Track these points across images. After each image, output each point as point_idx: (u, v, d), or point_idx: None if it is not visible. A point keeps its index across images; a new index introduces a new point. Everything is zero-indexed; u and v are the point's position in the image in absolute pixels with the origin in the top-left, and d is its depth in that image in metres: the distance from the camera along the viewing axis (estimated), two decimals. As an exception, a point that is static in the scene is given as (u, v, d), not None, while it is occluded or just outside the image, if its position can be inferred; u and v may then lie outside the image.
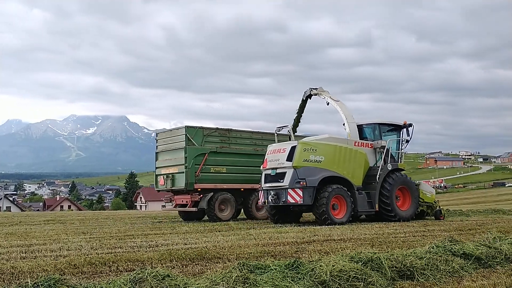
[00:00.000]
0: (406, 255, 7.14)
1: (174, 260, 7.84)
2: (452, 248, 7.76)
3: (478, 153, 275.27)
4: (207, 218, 19.27)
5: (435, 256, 7.23)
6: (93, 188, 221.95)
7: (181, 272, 6.89)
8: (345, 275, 6.02)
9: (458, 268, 7.04)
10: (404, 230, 13.01)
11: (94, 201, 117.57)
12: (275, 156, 16.16)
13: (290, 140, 17.55)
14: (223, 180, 19.09)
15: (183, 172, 18.35)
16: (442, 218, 17.86)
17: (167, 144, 19.68)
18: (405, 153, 18.77)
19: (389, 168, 16.95)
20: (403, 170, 17.98)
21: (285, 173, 15.65)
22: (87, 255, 8.46)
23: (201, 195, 18.52)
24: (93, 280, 6.33)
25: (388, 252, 7.35)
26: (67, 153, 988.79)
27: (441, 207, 18.70)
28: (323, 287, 5.82)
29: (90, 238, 11.97)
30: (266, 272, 6.06)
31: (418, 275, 6.54)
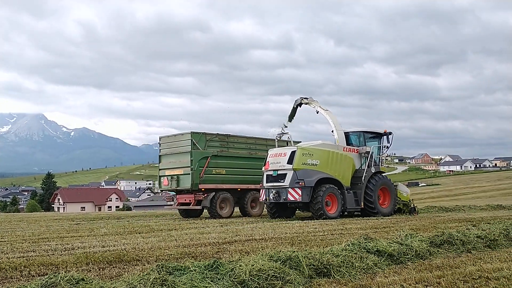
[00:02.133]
0: (323, 253, 7.33)
1: (91, 264, 7.61)
2: (366, 245, 8.05)
3: (394, 154, 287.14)
4: (209, 215, 20.98)
5: (350, 254, 7.48)
6: (7, 189, 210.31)
7: (97, 275, 6.69)
8: (264, 274, 6.09)
9: (372, 264, 7.32)
10: (323, 228, 13.35)
11: (8, 203, 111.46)
12: (277, 159, 18.21)
13: (287, 145, 19.70)
14: (223, 181, 20.94)
15: (189, 174, 20.06)
16: (416, 214, 20.20)
17: (171, 148, 21.34)
18: (385, 157, 21.38)
19: (373, 171, 19.33)
20: (383, 172, 20.31)
21: (285, 174, 17.79)
22: (-4, 260, 8.02)
23: (205, 195, 20.21)
24: (2, 286, 6.01)
25: (306, 250, 7.51)
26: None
27: (415, 205, 21.45)
28: (242, 287, 5.86)
29: (0, 241, 11.35)
30: (186, 274, 6.01)
31: (334, 272, 6.73)
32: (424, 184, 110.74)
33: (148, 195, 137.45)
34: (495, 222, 12.61)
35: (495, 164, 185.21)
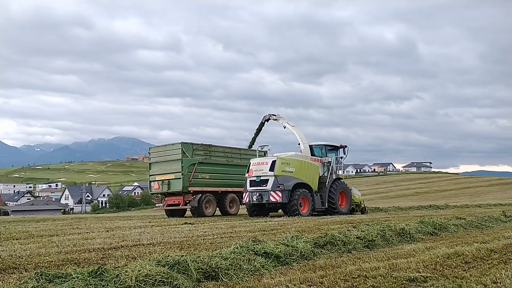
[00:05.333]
0: (212, 256, 7.34)
1: (-40, 273, 6.97)
2: (255, 247, 8.19)
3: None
4: (192, 214, 24.22)
5: (239, 256, 7.56)
6: None
7: (-33, 286, 6.15)
8: (151, 279, 5.97)
9: (260, 266, 7.46)
10: (213, 232, 13.38)
11: None
12: (259, 167, 21.31)
13: (265, 155, 23.87)
14: (207, 184, 24.36)
15: (180, 178, 23.27)
16: (366, 213, 24.09)
17: (161, 156, 24.64)
18: (342, 166, 25.01)
19: (334, 178, 23.04)
20: (341, 179, 23.88)
21: (267, 180, 20.93)
22: None
23: (193, 196, 23.57)
24: None
25: (195, 254, 7.47)
26: None
27: (365, 205, 25.45)
28: (128, 293, 5.69)
29: None
30: (67, 281, 5.71)
31: (222, 275, 6.77)
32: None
33: (28, 199, 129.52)
34: (373, 223, 13.39)
35: (374, 169, 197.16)
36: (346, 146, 24.07)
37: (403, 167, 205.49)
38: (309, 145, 23.31)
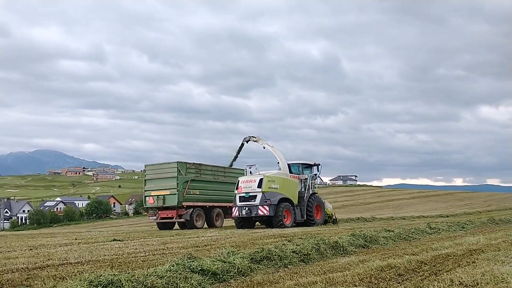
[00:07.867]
0: (147, 275, 7.06)
1: None
2: (191, 265, 7.95)
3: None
4: (180, 228, 27.15)
5: (175, 274, 7.32)
6: None
7: None
8: (83, 301, 5.62)
9: (197, 284, 7.25)
10: (144, 249, 12.96)
11: None
12: (248, 184, 23.77)
13: (251, 174, 25.20)
14: (197, 199, 26.64)
15: (175, 194, 25.58)
16: (337, 224, 26.95)
17: (157, 173, 26.83)
18: (316, 182, 27.65)
19: (310, 192, 25.70)
20: (317, 193, 26.39)
21: (256, 195, 23.37)
22: None
23: (186, 211, 25.85)
24: None
25: (129, 273, 7.15)
26: None
27: (336, 217, 28.15)
28: (58, 317, 5.32)
29: None
30: (-10, 307, 5.27)
31: (159, 295, 6.50)
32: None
33: None
34: (306, 237, 13.46)
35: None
36: (319, 164, 26.67)
37: (330, 180, 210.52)
38: (288, 164, 25.60)
